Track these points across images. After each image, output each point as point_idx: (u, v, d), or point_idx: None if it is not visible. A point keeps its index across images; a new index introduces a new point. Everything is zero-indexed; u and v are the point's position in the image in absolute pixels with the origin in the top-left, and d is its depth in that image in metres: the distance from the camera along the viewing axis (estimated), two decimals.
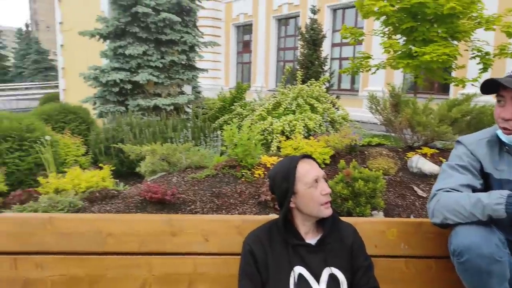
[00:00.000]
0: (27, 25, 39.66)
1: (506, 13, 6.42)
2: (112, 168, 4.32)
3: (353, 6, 11.77)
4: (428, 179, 3.75)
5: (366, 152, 4.25)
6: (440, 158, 3.96)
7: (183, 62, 7.78)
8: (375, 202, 3.20)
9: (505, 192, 1.22)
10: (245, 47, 17.17)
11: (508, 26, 6.26)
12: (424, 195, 3.60)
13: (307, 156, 1.57)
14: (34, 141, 4.67)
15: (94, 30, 7.43)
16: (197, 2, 8.36)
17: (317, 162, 1.57)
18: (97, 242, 1.70)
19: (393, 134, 4.62)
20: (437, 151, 4.09)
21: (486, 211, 1.22)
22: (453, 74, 7.42)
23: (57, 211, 3.08)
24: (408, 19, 6.62)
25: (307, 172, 1.48)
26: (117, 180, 4.34)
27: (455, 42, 6.71)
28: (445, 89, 9.91)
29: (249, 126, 3.72)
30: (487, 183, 1.42)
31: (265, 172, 3.78)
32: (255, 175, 3.71)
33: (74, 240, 1.71)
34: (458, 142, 1.55)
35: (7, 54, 35.35)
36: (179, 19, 7.34)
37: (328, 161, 3.92)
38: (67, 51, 11.66)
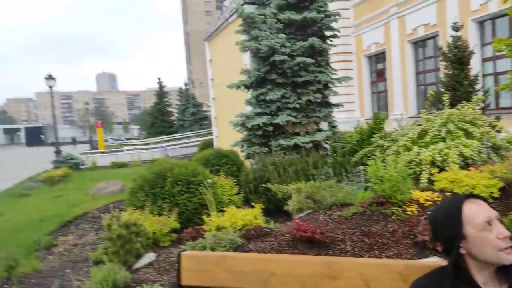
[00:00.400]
0: (185, 84, 47.35)
1: None
2: (262, 207, 4.65)
3: (505, 15, 10.32)
4: None
5: None
6: None
7: (318, 100, 8.02)
8: None
9: None
10: (379, 76, 16.64)
11: None
12: None
13: (473, 196, 1.41)
14: (198, 184, 5.41)
15: (239, 82, 8.37)
16: (329, 42, 8.63)
17: (486, 201, 1.40)
18: (262, 280, 1.83)
19: None
20: None
21: None
22: None
23: (221, 248, 3.46)
24: None
25: (476, 213, 1.30)
26: (268, 218, 4.64)
27: None
28: None
29: (394, 160, 3.54)
30: None
31: (419, 209, 3.50)
32: (407, 212, 3.47)
33: (242, 278, 1.88)
34: None
35: (172, 110, 42.48)
36: (312, 61, 7.69)
37: (496, 195, 3.39)
38: (218, 103, 13.37)
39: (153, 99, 45.31)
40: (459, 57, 8.68)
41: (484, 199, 1.38)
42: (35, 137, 65.47)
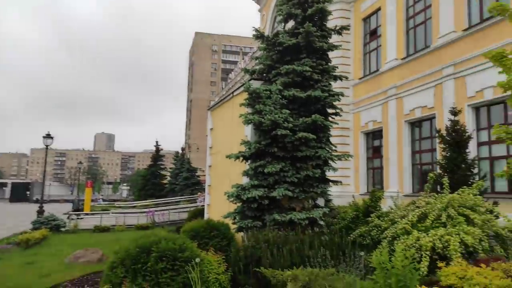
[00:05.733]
0: (182, 149, 47.63)
1: None
2: None
3: (499, 102, 10.70)
4: None
5: None
6: None
7: (317, 176, 7.88)
8: None
9: None
10: (375, 152, 16.83)
11: None
12: None
13: None
14: (185, 261, 5.00)
15: (239, 153, 8.31)
16: (330, 119, 8.76)
17: None
18: None
19: None
20: None
21: None
22: None
23: None
24: None
25: None
26: None
27: None
28: None
29: (403, 249, 3.27)
30: None
31: None
32: None
33: None
34: None
35: (165, 174, 42.09)
36: (314, 136, 7.72)
37: None
38: (214, 171, 13.22)
39: (147, 161, 45.11)
40: (457, 140, 8.77)
41: None
42: (20, 193, 63.44)
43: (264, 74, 9.23)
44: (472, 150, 10.59)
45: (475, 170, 8.92)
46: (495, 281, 3.18)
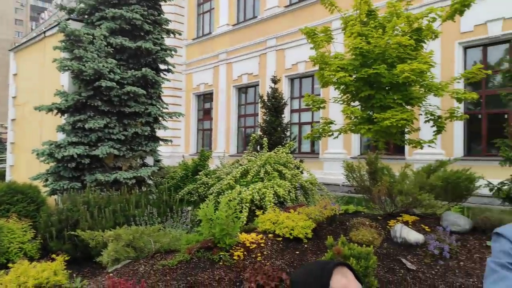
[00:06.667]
0: None
1: (452, 81, 6.98)
2: (67, 258, 3.77)
3: (310, 76, 12.47)
4: (414, 249, 3.60)
5: (346, 222, 4.08)
6: (422, 225, 3.87)
7: (146, 134, 7.50)
8: (369, 281, 2.96)
9: None
10: (206, 114, 17.36)
11: (456, 92, 6.75)
12: (414, 267, 3.41)
13: (341, 264, 1.24)
14: None
15: (52, 105, 7.07)
16: (162, 75, 8.35)
17: (353, 271, 1.26)
18: None
19: (358, 195, 4.54)
20: (417, 218, 4.01)
21: None
22: (408, 136, 7.76)
23: None
24: (366, 87, 6.97)
25: None
26: (71, 271, 3.77)
27: (409, 107, 7.11)
28: (400, 150, 10.32)
29: (227, 202, 3.44)
30: None
31: (245, 253, 3.45)
32: (234, 257, 3.36)
33: None
34: (499, 235, 1.33)
35: None
36: (144, 92, 7.21)
37: (310, 236, 3.69)
38: (19, 126, 11.02)
39: None
40: (275, 106, 9.83)
41: (351, 268, 1.26)
42: None
43: (86, 16, 8.00)
44: (286, 116, 12.12)
45: (288, 133, 10.28)
46: (300, 222, 3.73)
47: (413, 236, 3.56)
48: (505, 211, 3.82)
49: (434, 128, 7.14)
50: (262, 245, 3.61)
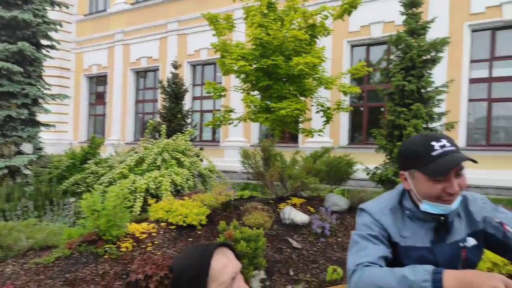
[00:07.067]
0: None
1: (340, 76, 7.63)
2: None
3: (212, 63, 12.37)
4: (301, 229, 3.85)
5: (240, 207, 4.17)
6: (308, 207, 4.15)
7: (22, 117, 6.58)
8: (258, 262, 3.06)
9: (429, 268, 1.17)
10: (99, 98, 16.02)
11: (343, 86, 7.40)
12: (299, 246, 3.65)
13: (223, 244, 1.23)
14: None
15: None
16: (44, 52, 7.37)
17: (234, 251, 1.25)
18: None
19: (255, 182, 4.71)
20: (304, 200, 4.30)
21: None
22: (301, 125, 8.29)
23: None
24: (265, 77, 7.21)
25: (224, 269, 1.16)
26: None
27: (303, 98, 7.58)
28: (294, 138, 10.99)
29: (115, 192, 3.19)
30: (394, 252, 1.38)
31: (134, 244, 3.27)
32: (121, 249, 3.16)
33: None
34: (362, 210, 1.48)
35: None
36: (20, 69, 6.28)
37: (204, 222, 3.66)
38: None
39: None
40: (176, 92, 9.54)
41: (231, 248, 1.25)
42: None
43: None
44: (187, 103, 11.88)
45: (189, 120, 10.10)
46: (194, 210, 3.68)
47: (300, 217, 3.81)
48: (378, 191, 4.33)
49: (324, 119, 7.76)
50: (153, 234, 3.47)
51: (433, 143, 1.28)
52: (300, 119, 7.85)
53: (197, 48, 12.60)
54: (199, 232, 3.65)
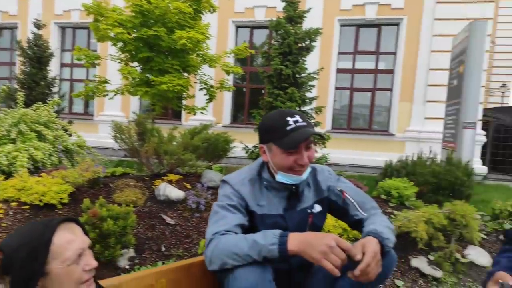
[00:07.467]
0: None
1: (223, 55, 7.65)
2: None
3: (86, 27, 11.07)
4: (175, 205, 3.79)
5: (111, 184, 3.89)
6: (184, 183, 4.11)
7: None
8: (126, 240, 2.91)
9: (277, 232, 1.25)
10: None
11: (226, 65, 7.45)
12: (173, 222, 3.60)
13: (68, 219, 1.12)
14: None
15: None
16: None
17: (82, 226, 1.15)
18: None
19: (136, 159, 4.47)
20: (181, 176, 4.24)
21: (263, 252, 1.22)
22: (185, 102, 8.14)
23: None
24: (145, 49, 6.77)
25: (69, 245, 1.06)
26: None
27: (186, 75, 7.40)
28: (177, 115, 10.75)
29: None
30: (252, 219, 1.45)
31: None
32: None
33: None
34: (224, 182, 1.54)
35: None
36: None
37: (66, 201, 3.29)
38: None
39: None
40: (39, 56, 8.28)
41: (79, 223, 1.13)
42: None
43: None
44: (54, 69, 10.48)
45: (55, 89, 8.92)
46: (53, 187, 3.27)
47: (175, 193, 3.74)
48: None
49: (207, 97, 7.73)
50: (0, 216, 2.98)
51: (288, 118, 1.38)
52: (183, 96, 7.67)
53: (67, 9, 11.12)
54: (60, 212, 3.28)
